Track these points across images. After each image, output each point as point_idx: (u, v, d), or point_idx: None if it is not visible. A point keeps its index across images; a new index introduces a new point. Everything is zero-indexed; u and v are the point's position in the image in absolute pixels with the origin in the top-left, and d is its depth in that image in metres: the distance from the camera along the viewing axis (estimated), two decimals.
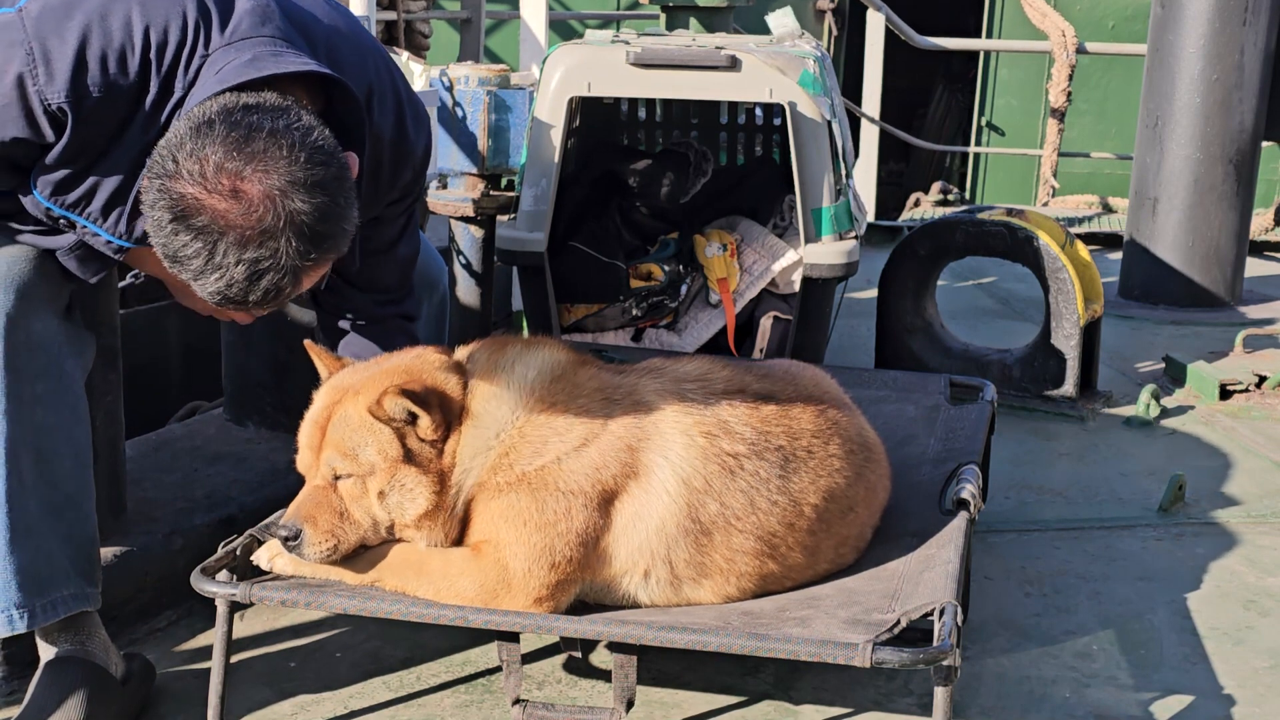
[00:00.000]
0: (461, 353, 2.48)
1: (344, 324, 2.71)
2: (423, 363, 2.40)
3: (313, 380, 2.49)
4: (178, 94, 2.15)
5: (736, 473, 2.39)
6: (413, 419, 2.30)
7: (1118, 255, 6.10)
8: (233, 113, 2.00)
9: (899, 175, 12.00)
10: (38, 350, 2.30)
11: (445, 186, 3.98)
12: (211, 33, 2.16)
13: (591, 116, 4.37)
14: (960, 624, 2.17)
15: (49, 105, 2.11)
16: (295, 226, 1.98)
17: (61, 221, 2.29)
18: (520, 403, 2.37)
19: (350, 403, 2.32)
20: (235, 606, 2.31)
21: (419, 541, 2.36)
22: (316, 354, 2.48)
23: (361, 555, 2.36)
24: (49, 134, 2.15)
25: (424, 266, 2.98)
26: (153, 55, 2.14)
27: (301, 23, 2.29)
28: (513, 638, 2.29)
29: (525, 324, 4.00)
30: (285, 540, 2.31)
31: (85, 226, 2.27)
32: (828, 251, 3.68)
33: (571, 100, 3.72)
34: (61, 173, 2.20)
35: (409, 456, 2.30)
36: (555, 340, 2.56)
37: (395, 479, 2.30)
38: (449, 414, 2.34)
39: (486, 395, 2.38)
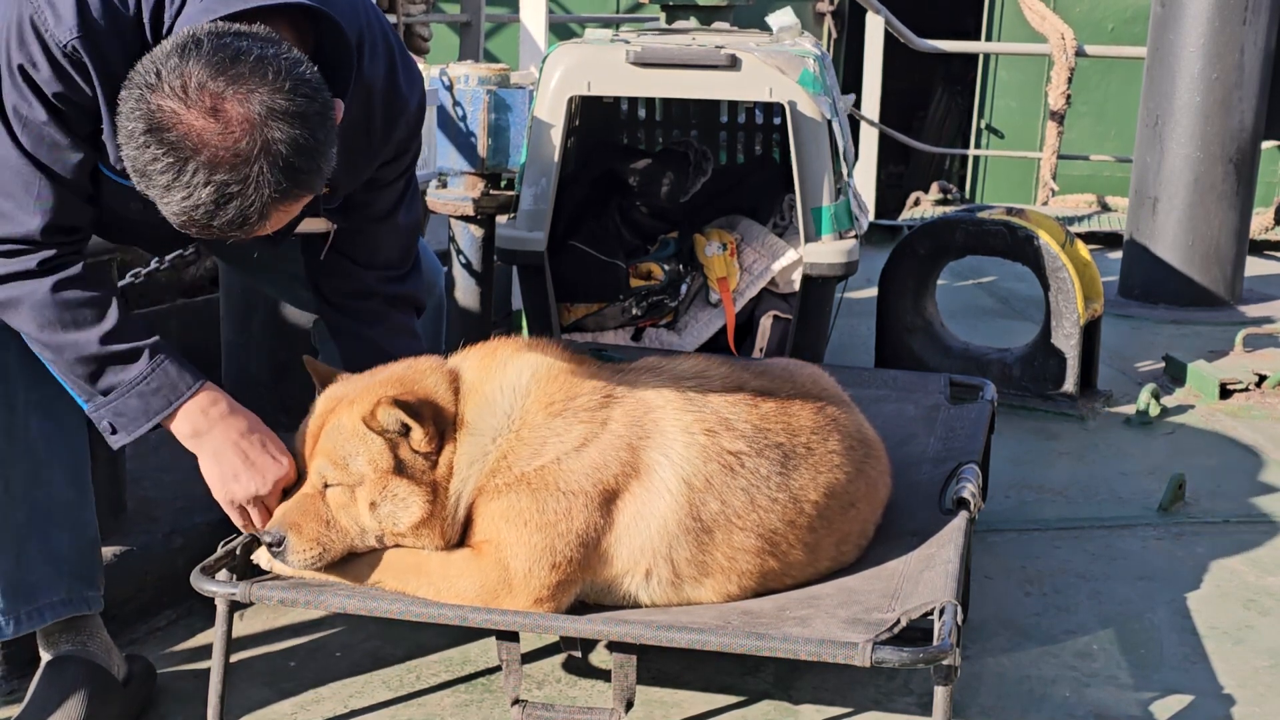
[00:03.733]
0: (454, 359, 2.46)
1: (348, 322, 2.69)
2: (415, 373, 2.38)
3: (311, 381, 2.48)
4: (167, 24, 2.10)
5: (737, 470, 2.39)
6: (406, 430, 2.29)
7: (1118, 255, 6.11)
8: (222, 35, 1.95)
9: (899, 177, 11.98)
10: (30, 356, 2.29)
11: (445, 185, 3.98)
12: None
13: (591, 116, 4.37)
14: (960, 623, 2.17)
15: (65, 48, 2.06)
16: (271, 156, 1.92)
17: (134, 206, 2.22)
18: (516, 405, 2.36)
19: (344, 412, 2.31)
20: (235, 606, 2.31)
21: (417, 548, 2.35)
22: (312, 368, 2.47)
23: (361, 556, 2.36)
24: (84, 86, 2.09)
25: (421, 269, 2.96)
26: None
27: None
28: (512, 637, 2.29)
29: (525, 323, 4.00)
30: (270, 546, 2.31)
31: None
32: (828, 251, 3.68)
33: (571, 99, 3.72)
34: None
35: (400, 468, 2.29)
36: (550, 341, 2.55)
37: (387, 490, 2.29)
38: (442, 424, 2.32)
39: (480, 401, 2.36)
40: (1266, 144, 5.91)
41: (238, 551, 2.36)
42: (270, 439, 2.31)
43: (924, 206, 7.84)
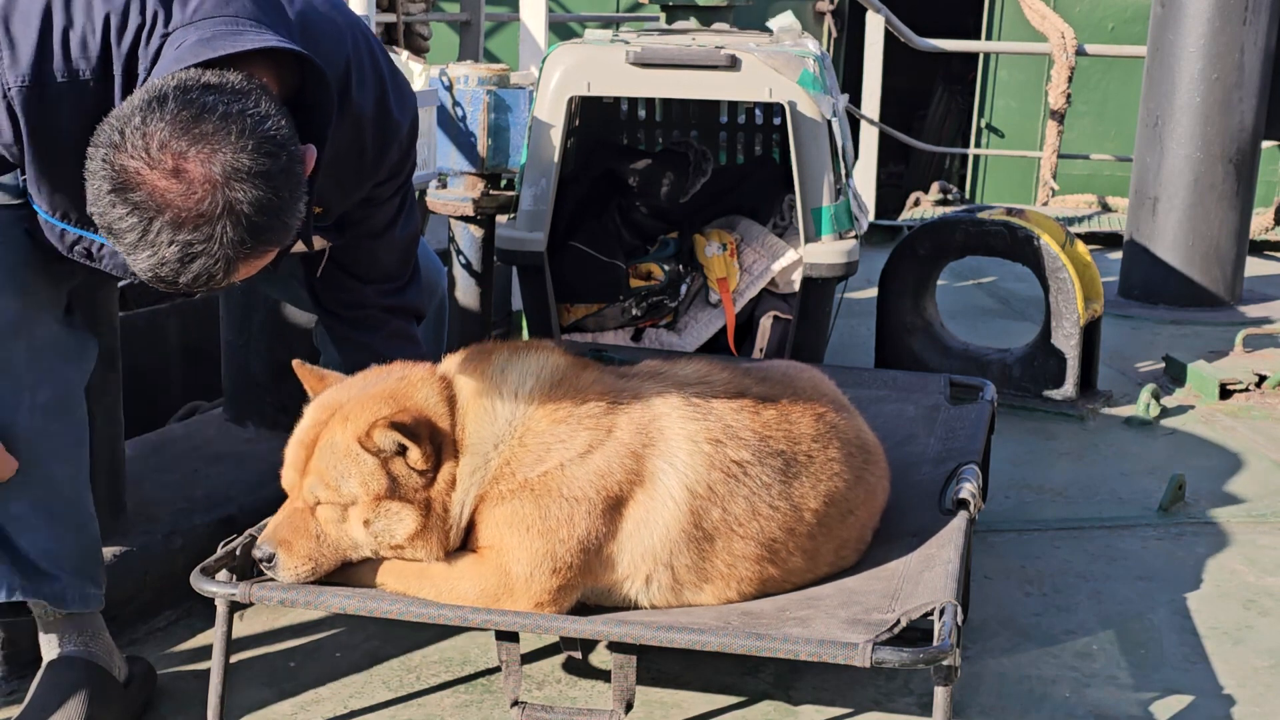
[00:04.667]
0: (447, 365, 2.44)
1: (348, 330, 2.69)
2: (409, 386, 2.35)
3: None
4: (141, 76, 2.10)
5: (740, 479, 2.38)
6: (402, 450, 2.27)
7: (1118, 255, 6.10)
8: (189, 90, 1.95)
9: (899, 177, 11.98)
10: (38, 357, 2.29)
11: (445, 186, 3.98)
12: (173, 11, 2.11)
13: (591, 116, 4.37)
14: (960, 624, 2.17)
15: (7, 90, 2.06)
16: (233, 215, 1.92)
17: (77, 249, 2.27)
18: (519, 411, 2.35)
19: (339, 429, 2.29)
20: (235, 606, 2.31)
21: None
22: (301, 372, 2.46)
23: (363, 560, 2.36)
24: (10, 131, 2.10)
25: (422, 271, 2.97)
26: (113, 38, 2.10)
27: (273, 1, 2.22)
28: (512, 638, 2.29)
29: (525, 324, 4.01)
30: (261, 562, 2.30)
31: (100, 243, 2.23)
32: (827, 251, 3.68)
33: (571, 100, 3.72)
34: (54, 189, 2.17)
35: (393, 488, 2.27)
36: (549, 344, 2.53)
37: (380, 508, 2.28)
38: (438, 440, 2.30)
39: (480, 410, 2.34)
40: (1266, 144, 5.91)
41: (237, 552, 2.36)
42: None
43: (924, 206, 7.84)
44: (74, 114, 2.08)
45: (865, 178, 8.14)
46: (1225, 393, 4.44)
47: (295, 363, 2.47)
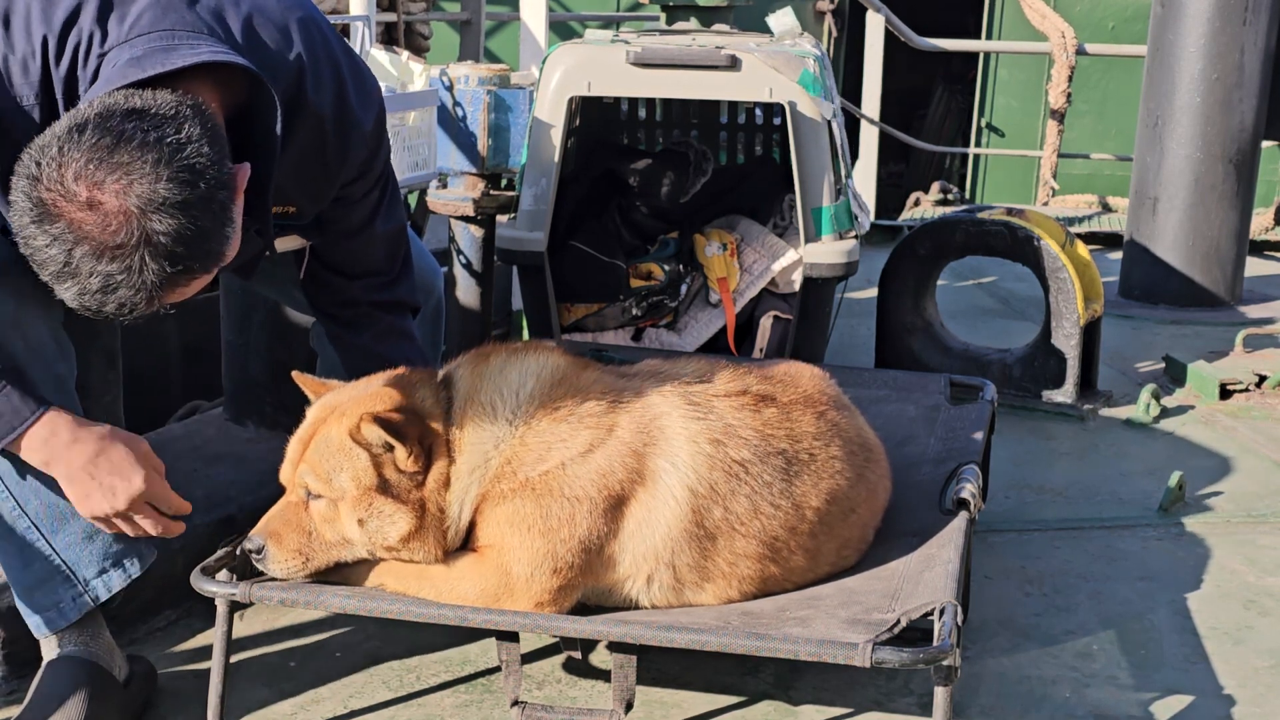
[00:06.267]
0: (448, 368, 2.45)
1: (341, 330, 2.69)
2: (405, 386, 2.36)
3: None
4: (82, 93, 2.09)
5: (741, 478, 2.38)
6: (389, 448, 2.28)
7: (1118, 255, 6.11)
8: (109, 117, 1.93)
9: (899, 177, 11.98)
10: (35, 356, 2.29)
11: (445, 186, 3.98)
12: (109, 29, 2.10)
13: (591, 116, 4.37)
14: (960, 624, 2.17)
15: None
16: (151, 246, 1.91)
17: None
18: (519, 410, 2.35)
19: (334, 423, 2.30)
20: (235, 606, 2.32)
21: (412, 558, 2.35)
22: (302, 381, 2.46)
23: (363, 560, 2.36)
24: None
25: (418, 271, 2.97)
26: (51, 62, 2.09)
27: (216, 7, 2.20)
28: (512, 638, 2.29)
29: (525, 324, 4.01)
30: (251, 553, 2.31)
31: None
32: (828, 251, 3.68)
33: (571, 100, 3.72)
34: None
35: (385, 486, 2.28)
36: (549, 344, 2.54)
37: (372, 507, 2.28)
38: (429, 440, 2.30)
39: (478, 409, 2.34)
40: (1266, 144, 5.91)
41: (237, 552, 2.36)
42: (121, 456, 2.22)
43: (924, 206, 7.84)
44: (25, 139, 2.04)
45: (865, 178, 8.14)
46: (1225, 393, 4.44)
47: (295, 374, 2.48)
